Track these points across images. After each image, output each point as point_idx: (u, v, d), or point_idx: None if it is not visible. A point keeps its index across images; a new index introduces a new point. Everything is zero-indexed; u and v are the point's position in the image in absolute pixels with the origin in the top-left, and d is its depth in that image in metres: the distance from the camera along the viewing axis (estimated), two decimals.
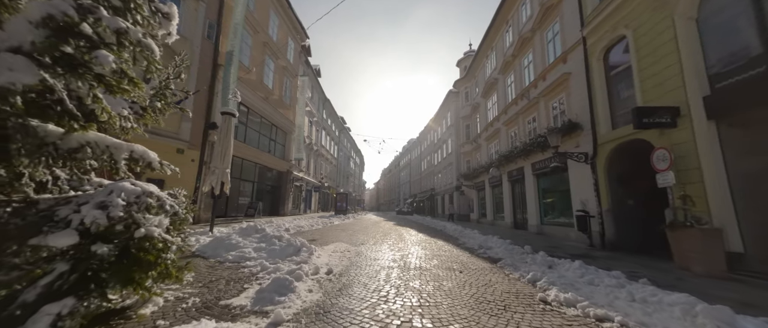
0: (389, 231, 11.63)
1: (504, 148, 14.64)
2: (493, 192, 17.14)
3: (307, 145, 25.34)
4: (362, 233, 10.65)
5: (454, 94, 27.15)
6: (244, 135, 15.15)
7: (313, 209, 28.09)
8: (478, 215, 20.07)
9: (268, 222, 11.70)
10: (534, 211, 11.44)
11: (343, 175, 44.75)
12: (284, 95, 19.68)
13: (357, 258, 5.60)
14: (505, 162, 13.86)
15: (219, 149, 8.09)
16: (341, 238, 8.74)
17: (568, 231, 9.25)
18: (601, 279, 4.01)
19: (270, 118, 17.68)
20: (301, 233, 9.65)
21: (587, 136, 8.28)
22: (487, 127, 17.85)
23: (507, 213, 14.35)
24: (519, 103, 13.01)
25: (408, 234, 10.65)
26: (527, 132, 12.27)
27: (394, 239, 8.85)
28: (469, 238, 9.52)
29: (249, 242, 5.72)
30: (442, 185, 31.73)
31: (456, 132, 26.37)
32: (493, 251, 6.82)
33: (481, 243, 7.82)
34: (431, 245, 7.90)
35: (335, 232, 10.62)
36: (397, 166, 72.78)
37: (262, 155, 16.59)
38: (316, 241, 7.77)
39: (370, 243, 7.80)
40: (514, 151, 12.50)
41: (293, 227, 10.71)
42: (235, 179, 14.51)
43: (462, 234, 10.50)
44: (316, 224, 13.26)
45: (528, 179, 11.98)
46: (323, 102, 31.73)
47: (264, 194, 17.75)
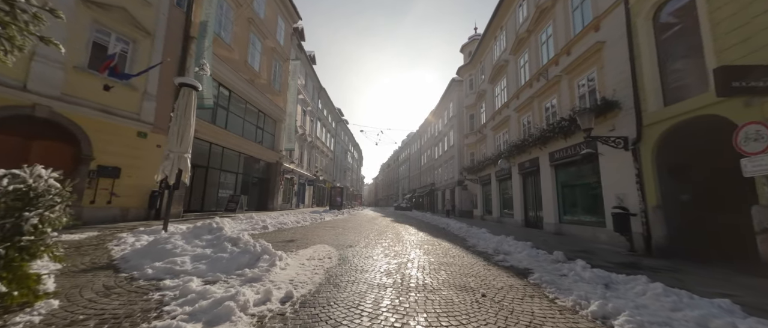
0: (385, 229, 10.19)
1: (514, 137, 13.14)
2: (500, 186, 15.68)
3: (300, 136, 23.78)
4: (354, 231, 9.20)
5: (458, 83, 25.55)
6: (226, 120, 13.59)
7: (306, 204, 26.65)
8: (483, 211, 18.66)
9: (248, 218, 10.24)
10: (551, 207, 9.99)
11: (340, 169, 43.26)
12: (273, 80, 18.06)
13: (338, 270, 4.13)
14: (516, 152, 12.38)
15: (175, 129, 6.53)
16: (327, 238, 7.27)
17: (597, 232, 7.81)
18: (710, 312, 2.55)
19: (256, 104, 16.10)
20: (281, 231, 8.18)
21: (627, 116, 6.78)
22: (494, 116, 16.32)
23: (517, 209, 12.92)
24: (534, 86, 11.48)
25: (406, 233, 9.21)
26: (544, 118, 10.76)
27: (390, 240, 7.40)
28: (478, 238, 8.09)
29: (192, 246, 4.23)
30: (443, 179, 30.30)
31: (458, 123, 24.84)
32: (514, 258, 5.37)
33: (496, 247, 6.38)
34: (435, 247, 6.44)
35: (322, 230, 9.16)
36: (395, 161, 71.30)
37: (247, 144, 15.05)
38: (293, 242, 6.31)
39: (361, 245, 6.34)
40: (528, 140, 11.01)
41: (274, 224, 9.24)
42: (214, 169, 13.01)
43: (469, 234, 9.06)
44: (304, 220, 11.80)
45: (544, 171, 10.51)
46: (318, 91, 30.07)
47: (250, 186, 16.25)
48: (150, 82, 9.43)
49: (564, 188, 9.76)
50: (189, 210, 11.88)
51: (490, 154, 16.17)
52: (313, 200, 29.40)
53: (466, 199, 23.71)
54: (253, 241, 4.46)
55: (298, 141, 23.52)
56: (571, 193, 9.41)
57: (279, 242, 6.22)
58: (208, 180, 12.65)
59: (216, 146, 12.96)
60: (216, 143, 12.82)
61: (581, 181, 8.83)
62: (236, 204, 12.70)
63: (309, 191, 27.24)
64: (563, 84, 9.45)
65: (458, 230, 10.12)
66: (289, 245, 5.88)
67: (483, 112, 18.80)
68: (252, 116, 16.15)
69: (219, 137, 12.80)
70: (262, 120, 17.40)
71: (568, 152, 8.96)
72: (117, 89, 8.49)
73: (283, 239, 6.80)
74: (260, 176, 17.59)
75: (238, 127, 14.75)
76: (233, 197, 12.99)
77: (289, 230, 8.77)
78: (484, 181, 17.93)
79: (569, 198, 9.50)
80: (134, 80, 8.91)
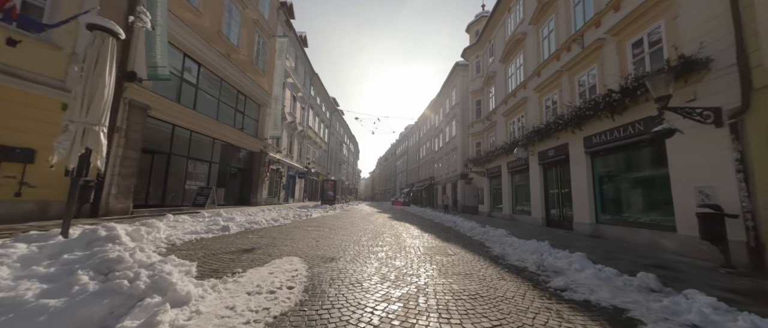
0: (382, 229, 8.31)
1: (533, 121, 11.25)
2: (513, 179, 13.85)
3: (289, 124, 21.70)
4: (343, 232, 7.30)
5: (462, 67, 23.51)
6: (194, 100, 11.50)
7: (297, 198, 24.70)
8: (490, 207, 16.86)
9: (213, 215, 8.30)
10: (585, 204, 8.15)
11: (334, 161, 41.26)
12: (256, 58, 15.91)
13: (297, 318, 2.22)
14: (536, 139, 10.49)
15: (80, 91, 4.48)
16: (303, 245, 5.36)
17: (657, 236, 5.99)
18: None
19: (235, 83, 13.99)
20: (245, 235, 6.24)
21: (720, 79, 4.89)
22: (506, 99, 14.38)
23: (536, 206, 11.09)
24: (562, 58, 9.55)
25: (408, 235, 7.32)
26: (577, 95, 8.85)
27: (388, 247, 5.50)
28: (502, 244, 6.24)
29: (16, 280, 2.27)
30: (444, 172, 28.47)
31: (462, 111, 22.89)
32: (577, 283, 3.51)
33: (539, 261, 4.51)
34: (452, 261, 4.55)
35: (302, 232, 7.24)
36: (393, 154, 69.37)
37: (223, 129, 13.00)
38: (249, 254, 4.39)
39: (347, 258, 4.43)
40: (556, 123, 9.11)
41: (241, 224, 7.30)
42: (179, 156, 10.98)
43: (487, 237, 7.20)
44: (285, 217, 9.87)
45: (576, 160, 8.65)
46: (311, 77, 27.87)
47: (228, 178, 14.24)
48: (82, 41, 7.31)
49: (605, 181, 7.91)
50: (147, 205, 9.89)
51: (501, 144, 14.29)
52: (305, 194, 27.45)
53: (470, 193, 21.92)
54: (158, 264, 2.52)
55: (286, 129, 21.46)
56: (615, 186, 7.56)
57: (228, 255, 4.29)
58: (172, 169, 10.63)
59: (181, 129, 10.90)
60: (181, 126, 10.77)
61: (633, 171, 6.97)
62: (206, 198, 10.72)
63: (300, 184, 25.26)
64: (608, 49, 7.51)
65: (470, 231, 8.27)
66: (237, 261, 3.95)
67: (492, 96, 16.85)
68: (229, 97, 14.05)
69: (185, 119, 10.74)
70: (243, 103, 15.30)
71: (615, 135, 7.07)
72: (29, 45, 6.43)
73: (239, 247, 4.86)
74: (241, 166, 15.57)
75: (212, 109, 12.66)
76: (203, 189, 11.00)
77: (258, 232, 6.83)
78: (493, 173, 16.09)
79: (612, 193, 7.66)
80: (60, 37, 6.85)
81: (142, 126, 8.83)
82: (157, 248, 4.47)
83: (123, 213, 8.26)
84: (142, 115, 8.84)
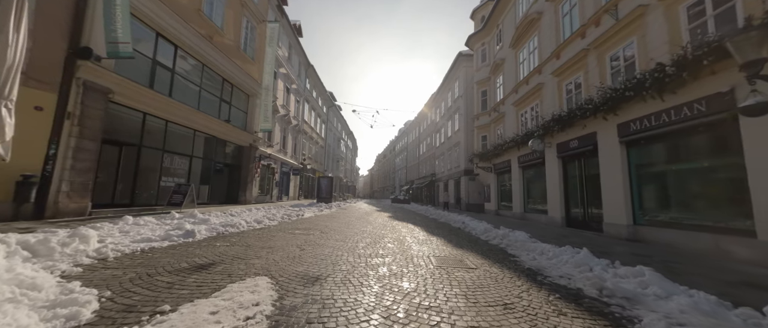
0: (382, 232, 7.11)
1: (550, 109, 10.05)
2: (525, 175, 12.68)
3: (282, 117, 20.42)
4: (337, 236, 6.09)
5: (466, 57, 22.25)
6: (170, 86, 10.22)
7: (291, 196, 23.47)
8: (497, 204, 15.71)
9: (186, 216, 7.10)
10: (620, 202, 6.99)
11: (332, 158, 40.00)
12: (244, 44, 14.59)
13: None
14: (556, 129, 9.31)
15: None
16: (281, 257, 4.15)
17: (727, 243, 4.83)
18: None
19: (219, 70, 12.69)
20: (213, 241, 5.03)
21: None
22: (517, 88, 13.17)
23: (554, 204, 9.92)
24: (588, 35, 8.34)
25: (414, 241, 6.13)
26: (608, 75, 7.65)
27: (391, 257, 4.30)
28: (530, 251, 5.11)
29: None
30: (446, 169, 27.30)
31: (466, 104, 21.67)
32: (679, 321, 2.32)
33: (597, 280, 3.34)
34: (477, 280, 3.36)
35: (288, 237, 6.03)
36: (392, 151, 68.16)
37: (206, 120, 11.74)
38: (209, 269, 3.19)
39: (336, 278, 3.23)
40: (581, 110, 7.93)
41: (214, 228, 6.10)
42: (153, 149, 9.72)
43: (509, 242, 6.03)
44: (272, 218, 8.66)
45: (607, 150, 7.47)
46: (306, 68, 26.52)
47: (212, 174, 12.99)
48: None
49: (645, 174, 6.74)
50: (113, 204, 8.65)
51: (511, 136, 13.11)
52: (300, 192, 26.21)
53: (474, 190, 20.76)
54: None
55: (279, 123, 20.19)
56: (660, 181, 6.39)
57: (169, 275, 3.08)
58: (143, 164, 9.37)
59: (155, 119, 9.64)
60: (154, 115, 9.50)
61: (688, 161, 5.80)
62: (184, 196, 9.48)
63: (294, 181, 24.01)
64: (653, 16, 6.30)
65: (485, 234, 7.10)
66: (177, 287, 2.74)
67: (500, 86, 15.63)
68: (213, 86, 12.76)
69: (159, 107, 9.48)
70: (229, 92, 14.02)
71: (663, 119, 5.88)
72: None
73: (194, 262, 3.65)
74: (229, 161, 14.31)
75: (192, 97, 11.38)
76: (180, 186, 9.75)
77: (231, 237, 5.60)
78: (501, 169, 14.92)
79: (656, 188, 6.49)
80: None
81: (101, 113, 7.56)
82: (75, 264, 3.25)
83: (78, 214, 7.02)
84: (101, 100, 7.57)
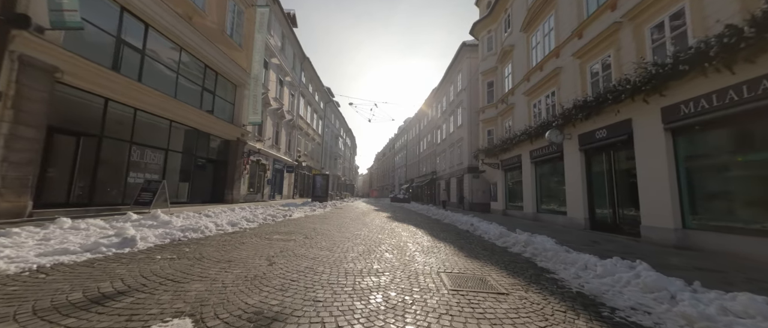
0: (379, 236, 5.92)
1: (570, 96, 8.88)
2: (538, 170, 11.51)
3: (275, 111, 19.22)
4: (323, 242, 4.91)
5: (470, 48, 21.04)
6: (140, 69, 9.02)
7: (285, 195, 22.27)
8: (505, 204, 14.54)
9: (145, 218, 5.94)
10: (664, 202, 5.83)
11: (329, 156, 38.81)
12: (230, 29, 13.39)
13: None
14: (581, 116, 8.13)
15: None
16: (236, 278, 2.98)
17: None
18: None
19: (200, 56, 11.49)
20: (169, 248, 3.86)
21: None
22: (529, 75, 11.98)
23: (575, 204, 8.76)
24: (620, 6, 7.16)
25: (417, 247, 4.95)
26: (648, 49, 6.46)
27: (389, 274, 3.13)
28: (565, 264, 4.00)
29: None
30: (448, 166, 26.13)
31: (470, 97, 20.48)
32: None
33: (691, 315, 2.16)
34: (517, 318, 2.16)
35: (260, 245, 4.86)
36: (391, 149, 66.98)
37: (184, 111, 10.55)
38: (116, 300, 1.96)
39: (306, 316, 2.03)
40: (613, 93, 6.74)
41: (169, 234, 4.92)
42: (118, 141, 8.54)
43: (533, 250, 4.89)
44: (253, 219, 7.49)
45: (647, 139, 6.31)
46: (301, 61, 25.29)
47: (194, 170, 11.79)
48: None
49: (698, 168, 5.57)
50: (69, 203, 7.46)
51: (522, 128, 11.94)
52: (295, 190, 25.02)
53: (479, 189, 19.61)
54: None
55: (272, 117, 18.98)
56: (720, 175, 5.21)
57: (47, 312, 1.88)
58: (105, 157, 8.17)
59: (120, 106, 8.45)
60: (119, 101, 8.31)
61: (761, 151, 4.62)
62: (153, 194, 8.28)
63: (288, 179, 22.82)
64: None
65: (501, 239, 5.94)
66: None
67: (508, 75, 14.44)
68: (193, 73, 11.55)
69: (125, 92, 8.29)
70: (213, 81, 12.81)
71: (730, 99, 4.69)
72: None
73: (101, 291, 2.47)
74: (213, 157, 13.12)
75: (167, 84, 10.18)
76: (149, 184, 8.55)
77: (187, 245, 4.41)
78: (509, 165, 13.75)
79: (715, 185, 5.31)
80: None
81: (45, 95, 6.36)
82: None
83: (14, 216, 5.82)
84: (45, 80, 6.36)
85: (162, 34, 9.74)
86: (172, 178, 10.68)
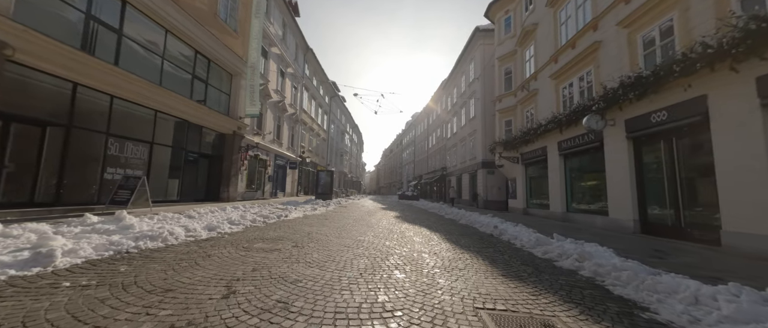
0: (386, 243, 4.71)
1: (615, 72, 7.45)
2: (568, 164, 10.10)
3: (276, 104, 18.19)
4: (315, 253, 3.74)
5: (484, 33, 19.50)
6: (116, 51, 8.02)
7: (289, 192, 21.32)
8: (526, 202, 13.15)
9: (109, 221, 4.91)
10: (763, 200, 4.42)
11: (335, 152, 37.80)
12: (223, 12, 12.32)
13: None
14: (632, 97, 6.71)
15: None
16: (160, 325, 1.79)
17: None
18: None
19: (189, 40, 10.46)
20: (106, 264, 2.73)
21: None
22: (557, 55, 10.53)
23: (619, 203, 7.38)
24: None
25: (434, 260, 3.72)
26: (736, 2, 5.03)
27: (403, 316, 1.92)
28: (666, 295, 2.67)
29: None
30: (459, 162, 24.72)
31: (484, 86, 19.00)
32: None
33: None
34: None
35: (231, 259, 3.72)
36: (399, 145, 65.63)
37: (172, 100, 9.55)
38: None
39: None
40: (681, 63, 5.33)
41: (132, 238, 3.82)
42: (93, 131, 7.56)
43: (596, 269, 3.62)
44: (239, 221, 6.40)
45: (729, 122, 4.91)
46: (304, 52, 24.18)
47: (185, 166, 10.82)
48: None
49: None
50: (33, 203, 6.52)
51: (548, 117, 10.52)
52: (299, 187, 24.05)
53: (494, 185, 18.20)
54: None
55: (273, 110, 17.95)
56: None
57: None
58: (76, 150, 7.21)
59: (93, 93, 7.46)
60: (91, 87, 7.33)
61: None
62: (132, 192, 7.27)
63: (292, 175, 21.84)
64: None
65: (540, 249, 4.69)
66: None
67: (530, 58, 12.96)
68: (181, 59, 10.51)
69: (97, 76, 7.29)
70: (205, 69, 11.79)
71: None
72: None
73: None
74: (207, 151, 12.15)
75: (151, 71, 9.18)
76: (127, 180, 7.55)
77: (127, 262, 3.29)
78: (531, 158, 12.35)
79: None
80: None
81: None
82: None
83: None
84: None
85: (143, 13, 8.71)
86: (159, 174, 9.73)
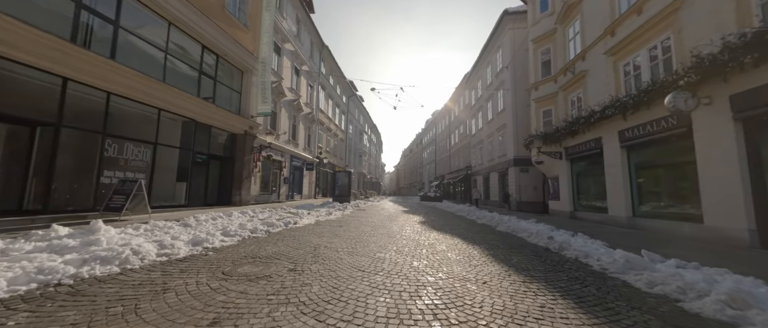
0: (414, 264, 3.40)
1: (701, 36, 5.67)
2: (633, 157, 8.26)
3: (291, 103, 17.46)
4: (314, 284, 2.53)
5: (514, 16, 17.65)
6: (113, 45, 7.38)
7: (306, 194, 20.57)
8: (572, 204, 11.29)
9: (50, 243, 4.00)
10: None
11: (354, 152, 36.98)
12: (232, 5, 11.64)
13: None
14: (744, 61, 4.95)
15: None
16: None
17: None
18: None
19: (195, 33, 9.80)
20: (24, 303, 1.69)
21: None
22: (615, 26, 8.71)
23: (719, 206, 5.59)
24: None
25: (492, 297, 2.34)
26: None
27: None
28: None
29: None
30: (486, 159, 22.84)
31: (514, 75, 17.15)
32: None
33: None
34: None
35: (176, 307, 2.56)
36: (419, 144, 63.93)
37: (177, 98, 8.89)
38: None
39: None
40: None
41: (84, 261, 2.80)
42: (87, 131, 6.92)
43: (756, 318, 2.04)
44: (239, 232, 5.39)
45: None
46: (320, 50, 23.44)
47: (193, 168, 10.15)
48: None
49: None
50: (21, 210, 5.92)
51: (602, 102, 8.72)
52: (317, 189, 23.29)
53: (529, 185, 16.29)
54: None
55: (288, 109, 17.23)
56: None
57: None
58: (67, 152, 6.57)
59: (87, 89, 6.82)
60: (82, 81, 6.67)
61: None
62: (127, 197, 6.52)
63: (309, 177, 21.09)
64: None
65: (636, 275, 3.24)
66: None
67: (576, 35, 11.13)
68: (186, 54, 9.86)
69: (92, 71, 6.66)
70: (214, 65, 11.13)
71: None
72: None
73: None
74: (217, 152, 11.50)
75: (154, 66, 8.54)
76: (124, 184, 6.82)
77: (47, 304, 2.22)
78: (578, 152, 10.52)
79: None
80: None
81: None
82: None
83: None
84: None
85: (142, 3, 8.06)
86: (165, 177, 9.08)
